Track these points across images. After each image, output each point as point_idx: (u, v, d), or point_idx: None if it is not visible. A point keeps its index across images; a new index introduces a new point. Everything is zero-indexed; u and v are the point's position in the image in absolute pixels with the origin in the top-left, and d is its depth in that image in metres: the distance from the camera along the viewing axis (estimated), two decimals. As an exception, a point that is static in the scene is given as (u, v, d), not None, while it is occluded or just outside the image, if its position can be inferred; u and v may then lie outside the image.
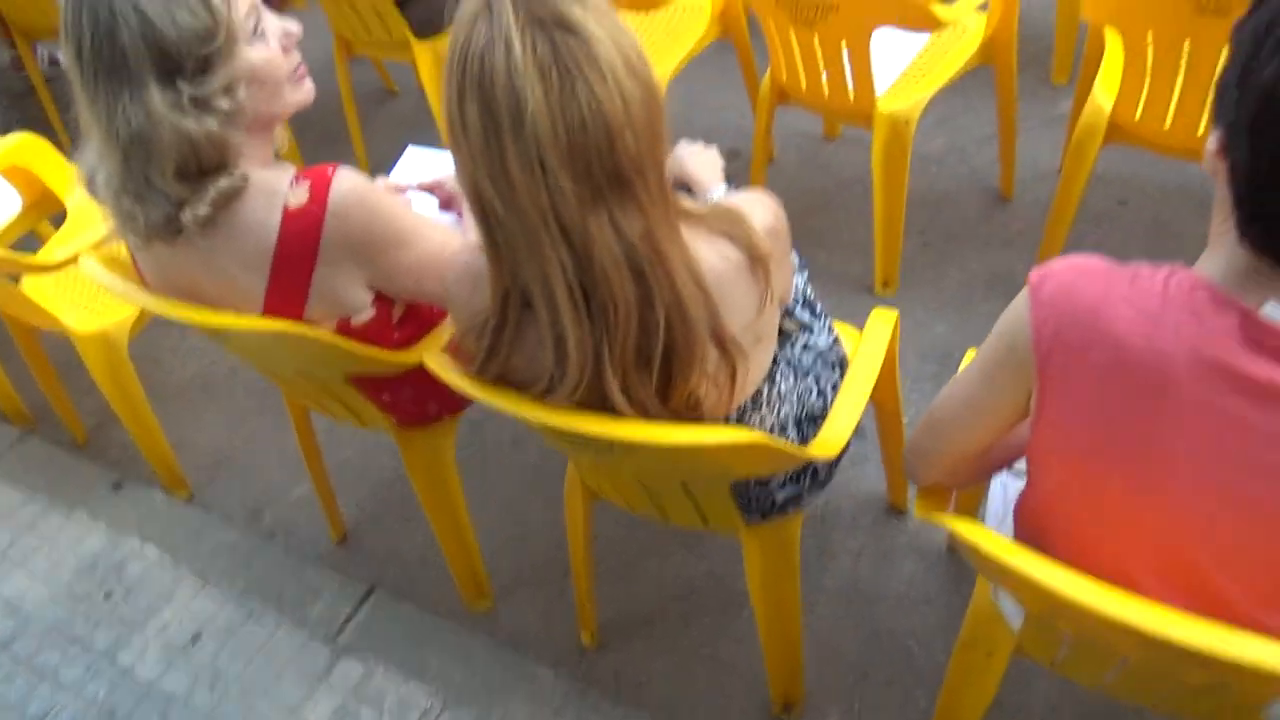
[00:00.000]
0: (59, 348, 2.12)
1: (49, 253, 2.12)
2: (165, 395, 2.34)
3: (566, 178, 0.92)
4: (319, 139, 3.01)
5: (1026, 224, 2.38)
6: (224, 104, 1.17)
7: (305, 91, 1.30)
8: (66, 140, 3.24)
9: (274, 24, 1.24)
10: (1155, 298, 0.83)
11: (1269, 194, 0.78)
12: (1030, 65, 2.66)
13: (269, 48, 1.23)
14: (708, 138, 1.65)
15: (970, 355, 1.22)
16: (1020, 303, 0.91)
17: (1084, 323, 0.85)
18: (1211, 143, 0.83)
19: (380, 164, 3.01)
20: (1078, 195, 2.01)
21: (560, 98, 0.90)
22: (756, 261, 1.05)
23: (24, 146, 2.16)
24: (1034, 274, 0.90)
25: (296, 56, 1.28)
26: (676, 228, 1.01)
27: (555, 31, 0.91)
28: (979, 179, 2.54)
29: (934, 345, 2.14)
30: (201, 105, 1.15)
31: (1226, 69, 0.81)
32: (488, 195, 0.96)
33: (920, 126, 2.07)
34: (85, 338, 1.93)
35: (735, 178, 1.73)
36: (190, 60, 1.14)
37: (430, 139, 2.83)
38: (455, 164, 0.98)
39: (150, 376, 2.28)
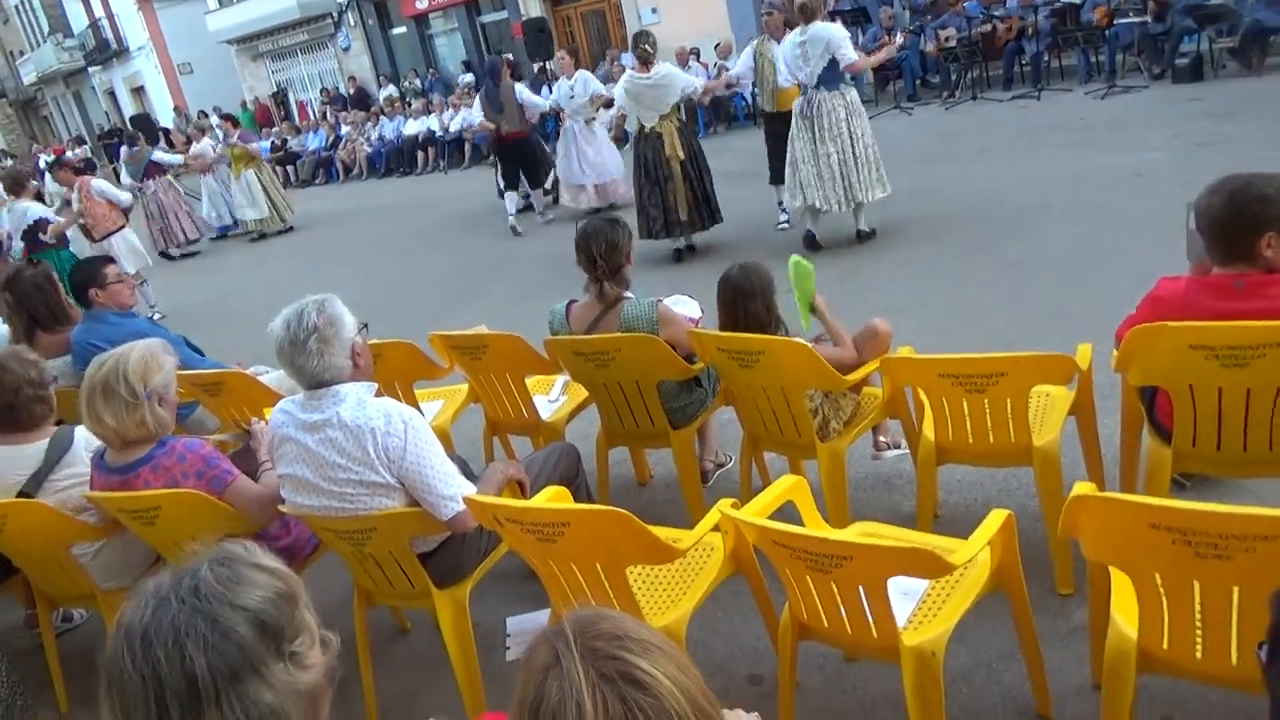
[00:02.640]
0: None
1: None
2: None
3: None
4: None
5: (1075, 747, 2.27)
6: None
7: None
8: (65, 699, 3.22)
9: None
10: None
11: None
12: (1033, 577, 2.73)
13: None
14: (726, 664, 1.63)
15: None
16: None
17: None
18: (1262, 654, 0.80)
19: (389, 706, 2.93)
20: (1125, 722, 1.95)
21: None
22: None
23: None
24: None
25: None
26: None
27: (625, 688, 0.93)
28: (1013, 697, 2.47)
29: None
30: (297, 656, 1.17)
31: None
32: None
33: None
34: None
35: (758, 704, 1.69)
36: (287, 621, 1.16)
37: (442, 677, 2.81)
38: None
39: None
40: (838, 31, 6.22)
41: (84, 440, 3.01)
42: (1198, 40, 10.76)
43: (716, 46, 14.77)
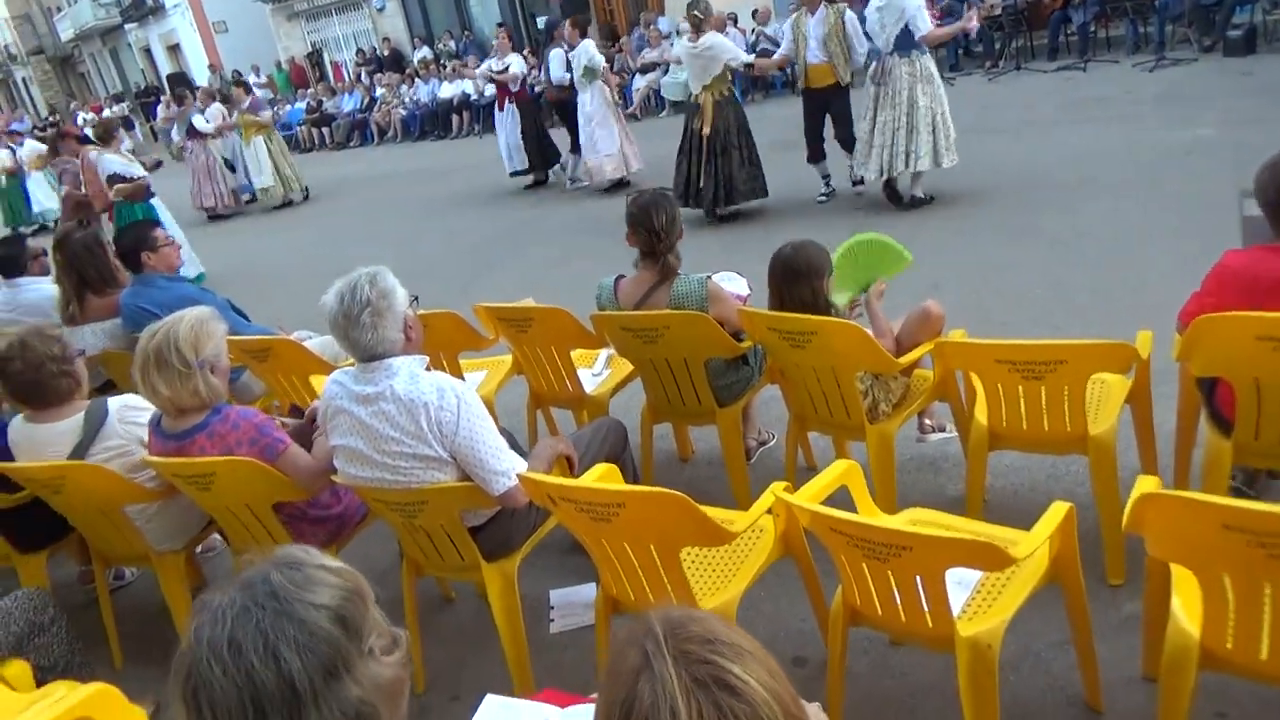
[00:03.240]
0: None
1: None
2: None
3: None
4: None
5: (1125, 740, 2.25)
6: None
7: None
8: (120, 656, 3.29)
9: None
10: None
11: None
12: (1083, 566, 2.70)
13: None
14: (770, 645, 1.62)
15: None
16: None
17: None
18: None
19: (437, 675, 2.96)
20: (1182, 721, 1.94)
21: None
22: None
23: (98, 698, 2.13)
24: None
25: None
26: None
27: (719, 693, 0.92)
28: (1061, 687, 2.46)
29: None
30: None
31: None
32: None
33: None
34: None
35: (803, 686, 1.68)
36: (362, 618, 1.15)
37: (489, 649, 2.83)
38: None
39: None
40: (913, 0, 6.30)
41: (117, 412, 3.04)
42: (1250, 11, 10.45)
43: (755, 13, 14.53)
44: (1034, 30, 12.38)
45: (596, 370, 3.85)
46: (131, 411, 3.04)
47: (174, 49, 29.07)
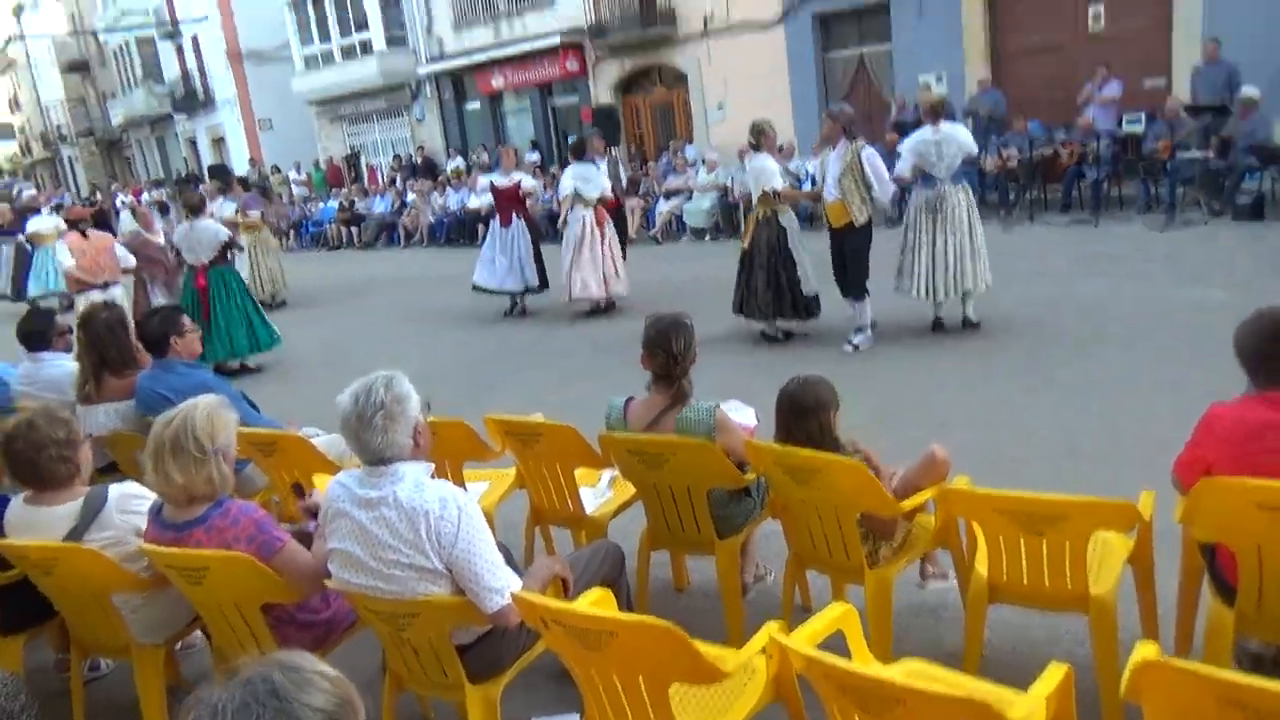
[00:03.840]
0: None
1: None
2: None
3: None
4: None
5: None
6: None
7: None
8: None
9: None
10: None
11: None
12: None
13: None
14: None
15: None
16: None
17: None
18: None
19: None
20: None
21: None
22: None
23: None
24: None
25: None
26: None
27: None
28: None
29: None
30: None
31: None
32: None
33: None
34: None
35: None
36: None
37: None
38: None
39: None
40: (966, 132, 6.99)
41: (117, 501, 3.04)
42: (1260, 179, 10.74)
43: (780, 149, 15.01)
44: (1048, 183, 12.73)
45: (599, 491, 3.85)
46: (131, 500, 3.04)
47: (219, 141, 30.16)
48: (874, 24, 15.84)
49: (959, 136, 6.84)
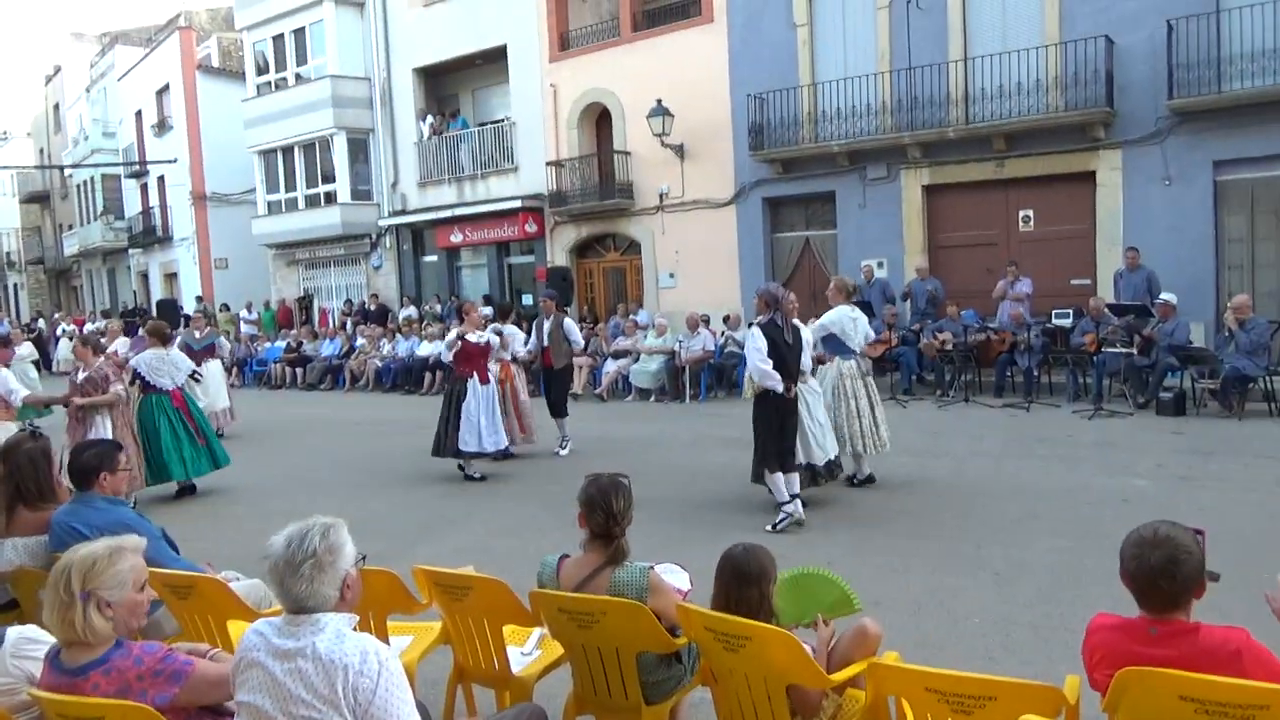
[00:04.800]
0: None
1: None
2: None
3: None
4: None
5: None
6: None
7: None
8: None
9: None
10: None
11: None
12: None
13: None
14: None
15: None
16: None
17: None
18: None
19: None
20: None
21: None
22: None
23: None
24: None
25: None
26: None
27: None
28: None
29: None
30: None
31: None
32: None
33: None
34: None
35: None
36: None
37: None
38: None
39: None
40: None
41: (12, 645, 2.86)
42: (1181, 377, 11.33)
43: (726, 319, 15.50)
44: (983, 367, 13.27)
45: (527, 649, 3.74)
46: (27, 645, 2.87)
47: (172, 276, 30.21)
48: (820, 211, 16.81)
49: (862, 315, 7.93)
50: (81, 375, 8.23)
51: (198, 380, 9.73)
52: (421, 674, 3.76)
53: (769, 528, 6.76)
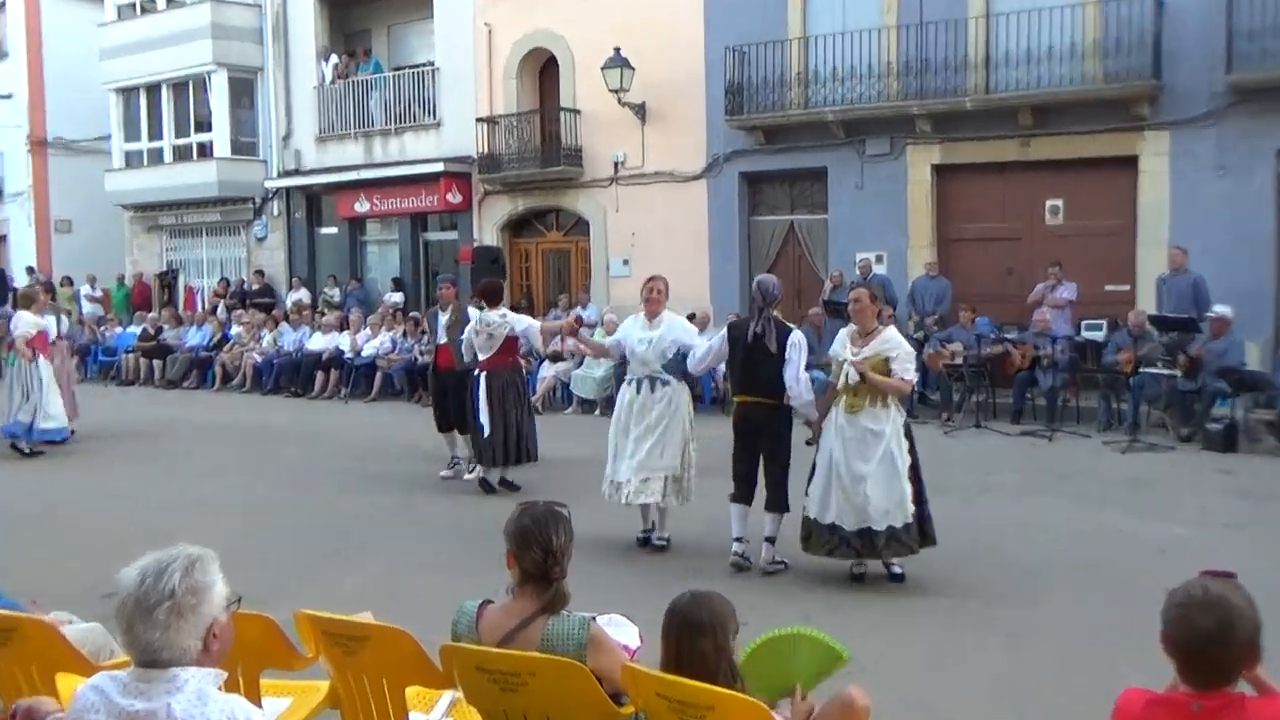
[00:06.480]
0: None
1: None
2: None
3: None
4: None
5: None
6: None
7: None
8: None
9: None
10: None
11: None
12: None
13: None
14: None
15: None
16: None
17: None
18: None
19: None
20: None
21: None
22: None
23: None
24: None
25: None
26: None
27: None
28: None
29: None
30: None
31: None
32: None
33: None
34: None
35: None
36: None
37: None
38: None
39: None
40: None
41: None
42: (1232, 405, 11.59)
43: (692, 318, 15.50)
44: (997, 387, 13.47)
45: (435, 717, 3.69)
46: None
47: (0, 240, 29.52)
48: (809, 191, 16.98)
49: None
50: None
51: None
52: (302, 746, 3.70)
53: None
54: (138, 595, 2.36)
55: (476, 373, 9.39)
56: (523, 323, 9.66)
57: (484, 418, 9.23)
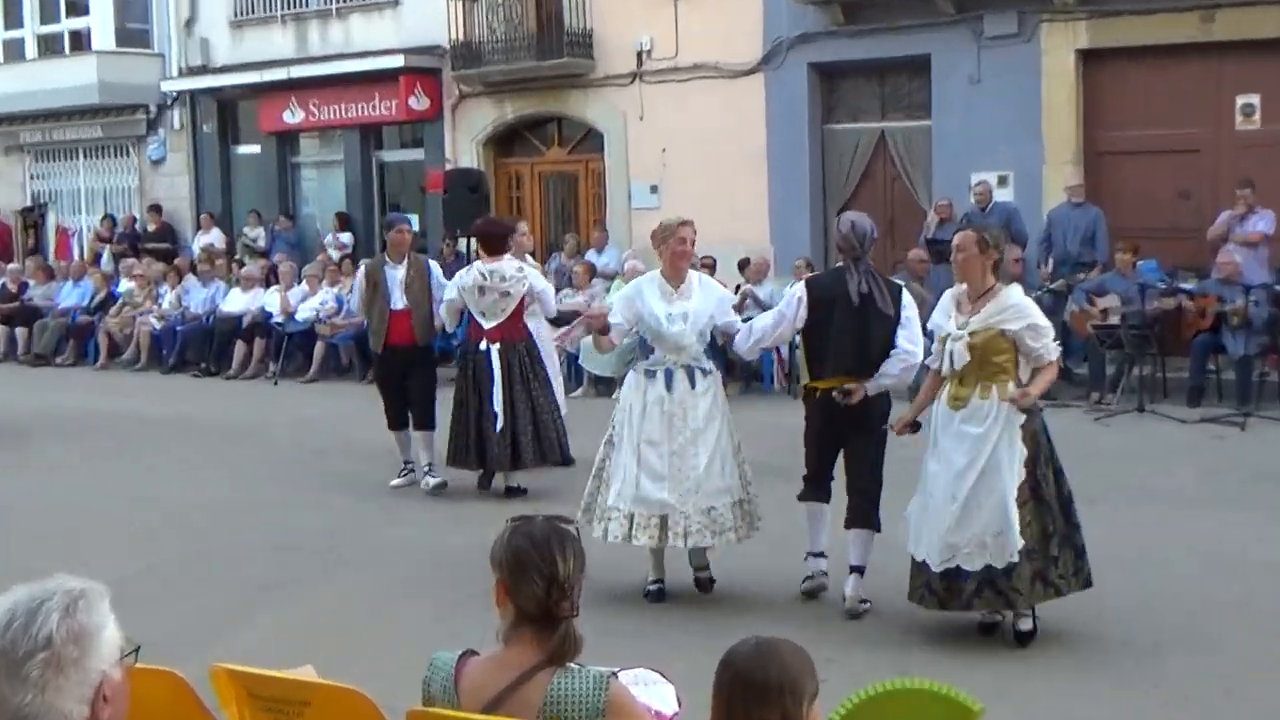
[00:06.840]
0: None
1: None
2: None
3: None
4: None
5: None
6: None
7: None
8: None
9: None
10: None
11: None
12: None
13: None
14: None
15: None
16: None
17: None
18: None
19: None
20: None
21: None
22: None
23: None
24: None
25: None
26: None
27: None
28: None
29: None
30: None
31: None
32: None
33: None
34: None
35: None
36: None
37: None
38: None
39: None
40: None
41: None
42: None
43: (745, 265, 15.47)
44: (1167, 356, 13.34)
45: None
46: None
47: None
48: (905, 88, 16.87)
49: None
50: None
51: None
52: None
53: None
54: (2, 645, 2.40)
55: (484, 346, 9.45)
56: (541, 281, 9.74)
57: (498, 405, 9.28)
